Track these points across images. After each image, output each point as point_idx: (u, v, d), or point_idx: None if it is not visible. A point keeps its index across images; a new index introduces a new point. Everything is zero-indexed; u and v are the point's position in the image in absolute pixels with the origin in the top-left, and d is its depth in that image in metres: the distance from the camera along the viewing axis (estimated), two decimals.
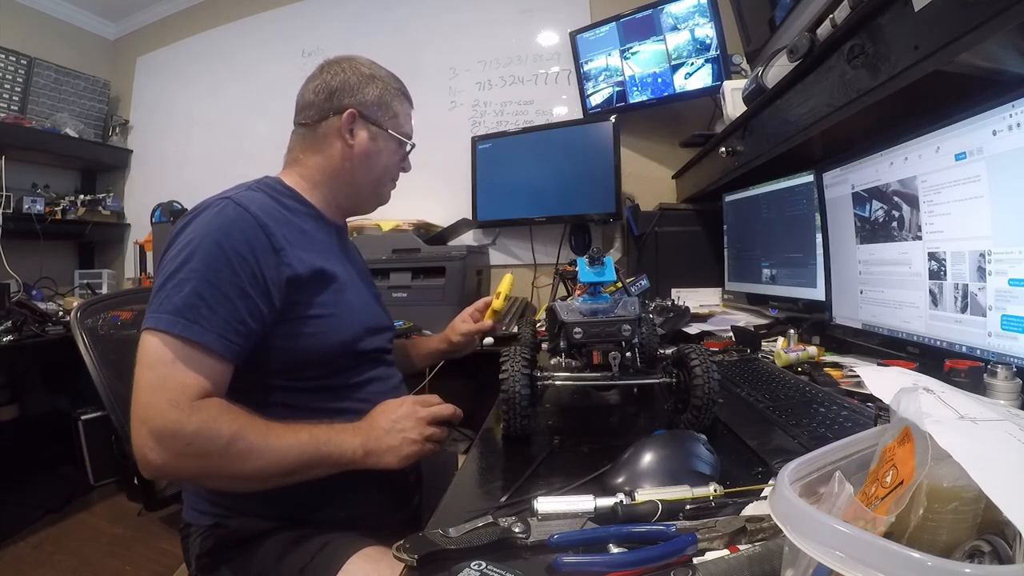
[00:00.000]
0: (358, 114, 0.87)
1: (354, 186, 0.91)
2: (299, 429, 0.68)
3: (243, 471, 0.64)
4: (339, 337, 0.80)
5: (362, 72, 0.89)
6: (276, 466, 0.65)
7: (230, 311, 0.67)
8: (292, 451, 0.66)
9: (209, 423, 0.62)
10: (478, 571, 0.40)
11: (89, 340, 0.99)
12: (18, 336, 1.81)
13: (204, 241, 0.69)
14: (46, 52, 2.60)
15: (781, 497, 0.31)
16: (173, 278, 0.67)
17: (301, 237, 0.80)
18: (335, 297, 0.81)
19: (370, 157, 0.89)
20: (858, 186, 1.01)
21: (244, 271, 0.69)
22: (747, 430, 0.69)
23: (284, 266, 0.74)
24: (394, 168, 0.95)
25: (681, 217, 1.84)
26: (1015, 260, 0.69)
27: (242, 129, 2.63)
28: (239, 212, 0.72)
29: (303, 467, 0.67)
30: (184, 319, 0.65)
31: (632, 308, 0.74)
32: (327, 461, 0.68)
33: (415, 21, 2.33)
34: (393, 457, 0.71)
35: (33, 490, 2.14)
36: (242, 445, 0.63)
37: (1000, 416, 0.32)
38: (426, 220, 2.08)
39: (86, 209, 2.68)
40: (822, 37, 0.84)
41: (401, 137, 0.93)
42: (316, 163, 0.89)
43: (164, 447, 0.61)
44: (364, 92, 0.88)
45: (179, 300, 0.65)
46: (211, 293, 0.67)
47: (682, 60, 1.80)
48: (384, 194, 0.97)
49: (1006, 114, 0.68)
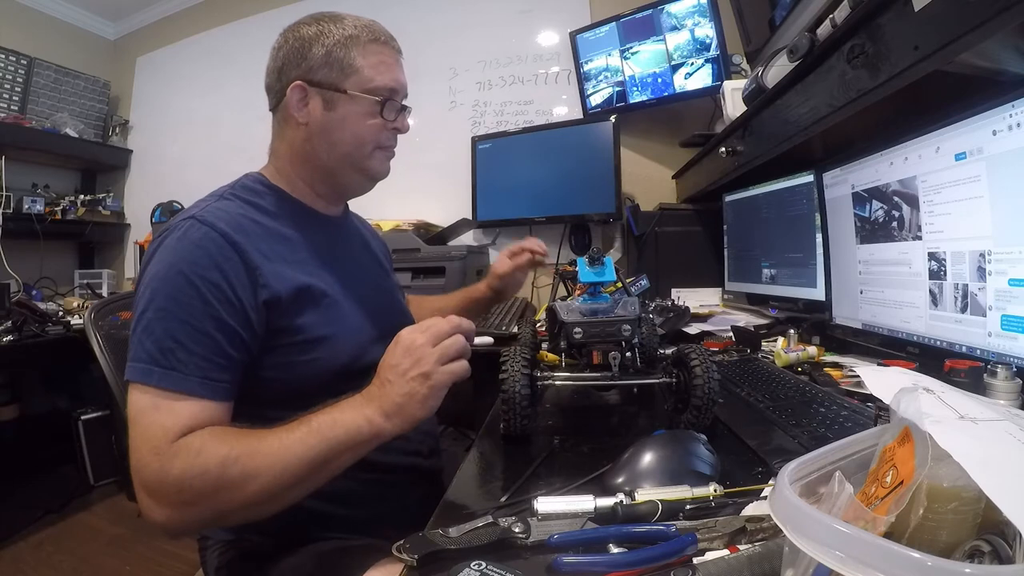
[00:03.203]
0: (307, 84, 0.74)
1: (326, 168, 0.79)
2: (295, 426, 0.58)
3: (250, 498, 0.56)
4: (337, 360, 0.71)
5: (306, 33, 0.75)
6: (284, 479, 0.56)
7: (209, 348, 0.61)
8: (294, 455, 0.57)
9: (191, 461, 0.55)
10: (478, 571, 0.40)
11: (104, 341, 0.99)
12: (18, 336, 1.81)
13: (169, 273, 0.62)
14: (46, 52, 2.60)
15: (781, 497, 0.31)
16: (142, 320, 0.61)
17: (282, 247, 0.72)
18: (326, 316, 0.72)
19: (330, 130, 0.76)
20: (858, 186, 1.01)
21: (218, 298, 0.62)
22: (747, 430, 0.69)
23: (260, 287, 0.66)
24: (372, 134, 0.77)
25: (681, 217, 1.84)
26: (1015, 260, 0.69)
27: (242, 129, 2.62)
28: (205, 232, 0.64)
29: (317, 465, 0.57)
30: (159, 367, 0.58)
31: (632, 308, 0.74)
32: (344, 447, 0.58)
33: (415, 21, 2.33)
34: (418, 407, 0.59)
35: (33, 490, 2.14)
36: (236, 469, 0.55)
37: (1000, 416, 0.32)
38: (426, 220, 2.08)
39: (86, 209, 2.68)
40: (822, 37, 0.84)
41: (368, 94, 0.75)
42: (284, 152, 0.79)
43: (159, 502, 0.55)
44: (309, 56, 0.74)
45: (151, 346, 0.59)
46: (185, 332, 0.60)
47: (682, 60, 1.80)
48: (371, 167, 0.80)
49: (1006, 114, 0.68)
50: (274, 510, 0.59)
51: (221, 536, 0.76)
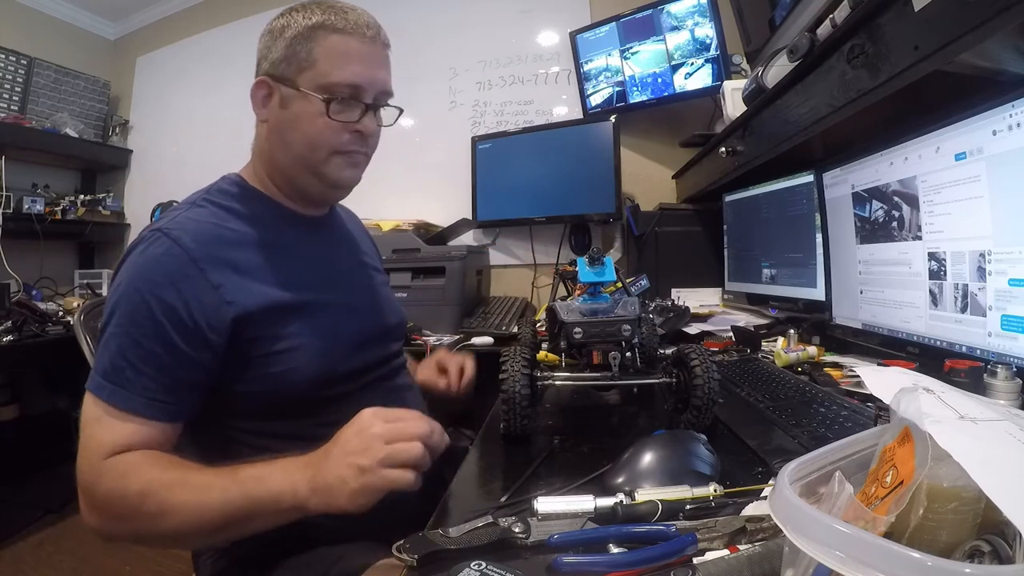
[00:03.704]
0: (270, 80, 0.70)
1: (282, 170, 0.75)
2: (229, 472, 0.56)
3: (163, 533, 0.56)
4: (313, 370, 0.69)
5: (274, 26, 0.71)
6: (197, 523, 0.55)
7: (158, 369, 0.60)
8: (211, 503, 0.55)
9: (117, 482, 0.56)
10: (478, 571, 0.40)
11: (93, 342, 1.00)
12: (18, 336, 1.80)
13: (128, 290, 0.62)
14: (46, 52, 2.60)
15: (781, 497, 0.31)
16: (103, 333, 0.62)
17: (255, 256, 0.69)
18: (301, 326, 0.69)
19: (283, 130, 0.71)
20: (858, 186, 1.01)
21: (171, 320, 0.61)
22: (747, 430, 0.70)
23: (226, 304, 0.63)
24: (326, 136, 0.70)
25: (681, 217, 1.84)
26: (1015, 260, 0.69)
27: (242, 129, 2.60)
28: (167, 248, 0.63)
29: (232, 519, 0.55)
30: (110, 383, 0.59)
31: (632, 308, 0.74)
32: (262, 510, 0.54)
33: (415, 21, 2.33)
34: (344, 498, 0.53)
35: (33, 490, 2.14)
36: (151, 504, 0.55)
37: (1000, 416, 0.32)
38: (426, 220, 2.07)
39: (86, 209, 2.67)
40: (822, 37, 0.84)
41: (313, 94, 0.68)
42: (256, 152, 0.78)
43: (90, 509, 0.58)
44: (273, 50, 0.70)
45: (106, 361, 0.60)
46: (135, 352, 0.60)
47: (682, 60, 1.80)
48: (328, 173, 0.73)
49: (1006, 114, 0.68)
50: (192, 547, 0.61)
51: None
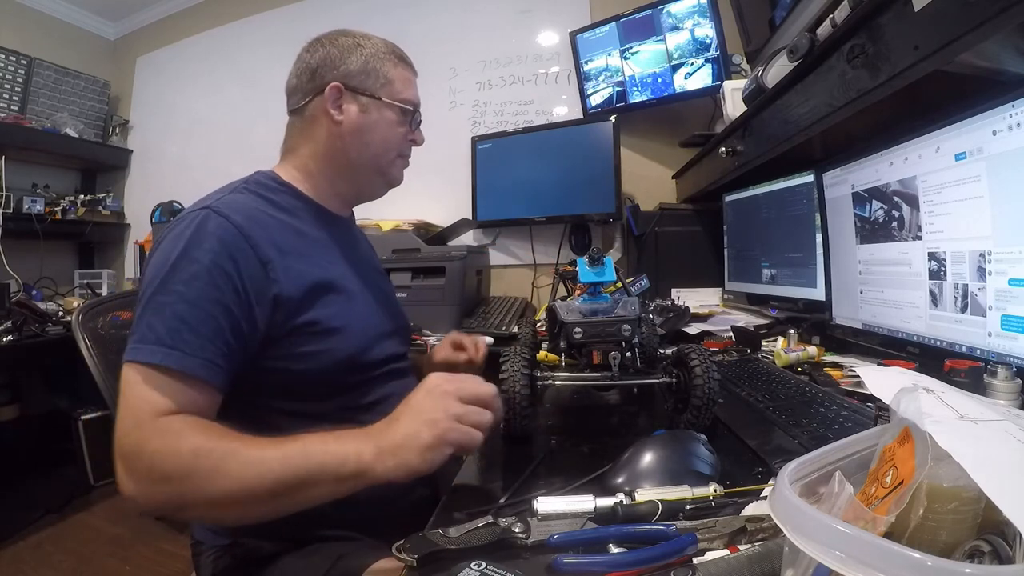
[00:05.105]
0: (343, 87, 0.79)
1: (352, 167, 0.83)
2: (288, 440, 0.56)
3: (214, 493, 0.54)
4: (346, 351, 0.72)
5: (344, 43, 0.82)
6: (253, 484, 0.53)
7: (215, 331, 0.61)
8: (272, 466, 0.54)
9: (170, 440, 0.55)
10: (478, 571, 0.40)
11: (91, 342, 0.99)
12: (18, 336, 1.81)
13: (182, 259, 0.63)
14: (46, 52, 2.60)
15: (781, 497, 0.31)
16: (152, 302, 0.61)
17: (297, 241, 0.74)
18: (338, 309, 0.73)
19: (364, 131, 0.81)
20: (858, 186, 1.01)
21: (226, 285, 0.63)
22: (747, 430, 0.70)
23: (271, 282, 0.66)
24: (397, 141, 0.84)
25: (681, 217, 1.84)
26: (1015, 260, 0.69)
27: (242, 129, 2.63)
28: (219, 223, 0.65)
29: (291, 484, 0.54)
30: (165, 347, 0.58)
31: (632, 308, 0.74)
32: (323, 474, 0.55)
33: (415, 21, 2.33)
34: (415, 453, 0.54)
35: (33, 490, 2.14)
36: (207, 462, 0.54)
37: (1000, 416, 0.32)
38: (426, 220, 2.07)
39: (86, 209, 2.67)
40: (822, 37, 0.84)
41: (399, 104, 0.82)
42: (308, 150, 0.82)
43: (130, 473, 0.55)
44: (347, 62, 0.80)
45: (159, 326, 0.59)
46: (193, 314, 0.60)
47: (682, 60, 1.80)
48: (392, 173, 0.87)
49: (1006, 114, 0.68)
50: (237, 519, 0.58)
51: (215, 541, 0.76)
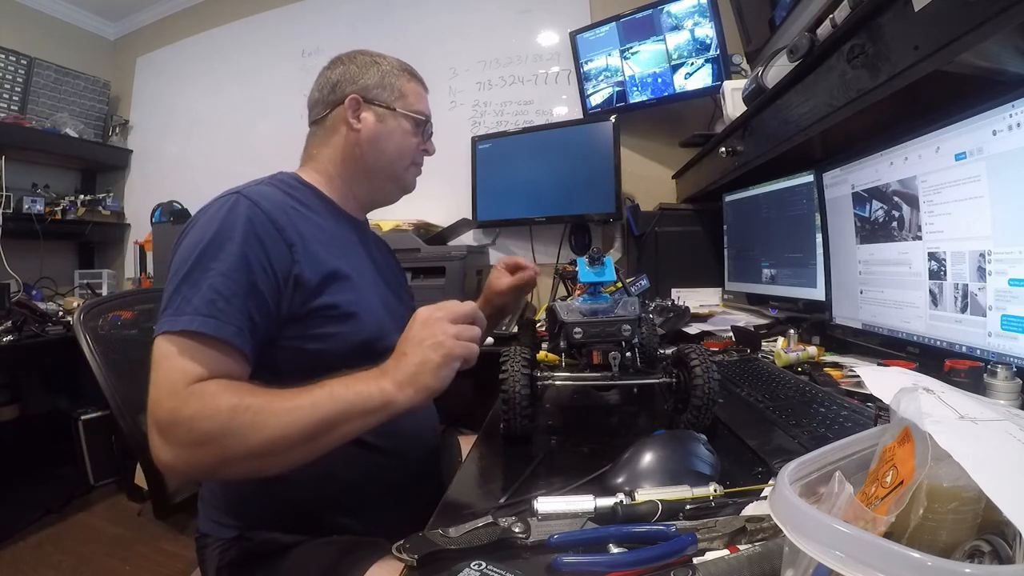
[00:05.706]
0: (361, 99, 0.86)
1: (368, 172, 0.89)
2: (314, 387, 0.61)
3: (255, 446, 0.57)
4: (359, 336, 0.76)
5: (362, 60, 0.89)
6: (290, 432, 0.58)
7: (246, 304, 0.65)
8: (304, 411, 0.58)
9: (207, 401, 0.58)
10: (478, 571, 0.40)
11: (92, 342, 0.99)
12: (18, 336, 1.81)
13: (216, 238, 0.66)
14: (46, 52, 2.60)
15: (781, 497, 0.31)
16: (187, 280, 0.64)
17: (317, 231, 0.77)
18: (353, 296, 0.77)
19: (380, 139, 0.87)
20: (858, 186, 1.01)
21: (257, 263, 0.67)
22: (747, 430, 0.70)
23: (294, 263, 0.71)
24: (411, 150, 0.91)
25: (681, 217, 1.84)
26: (1015, 260, 0.69)
27: (242, 129, 2.63)
28: (249, 206, 0.70)
29: (325, 425, 0.59)
30: (201, 315, 0.61)
31: (632, 308, 0.74)
32: (354, 412, 0.60)
33: (415, 21, 2.33)
34: (430, 375, 0.60)
35: (33, 490, 2.14)
36: (245, 417, 0.57)
37: (1000, 416, 0.32)
38: (426, 220, 2.07)
39: (86, 209, 2.67)
40: (822, 37, 0.84)
41: (413, 115, 0.89)
42: (328, 155, 0.88)
43: (168, 440, 0.57)
44: (365, 77, 0.87)
45: (197, 300, 0.62)
46: (225, 286, 0.64)
47: (682, 60, 1.80)
48: (405, 179, 0.93)
49: (1006, 114, 0.68)
50: (277, 467, 0.60)
51: (221, 534, 0.77)
